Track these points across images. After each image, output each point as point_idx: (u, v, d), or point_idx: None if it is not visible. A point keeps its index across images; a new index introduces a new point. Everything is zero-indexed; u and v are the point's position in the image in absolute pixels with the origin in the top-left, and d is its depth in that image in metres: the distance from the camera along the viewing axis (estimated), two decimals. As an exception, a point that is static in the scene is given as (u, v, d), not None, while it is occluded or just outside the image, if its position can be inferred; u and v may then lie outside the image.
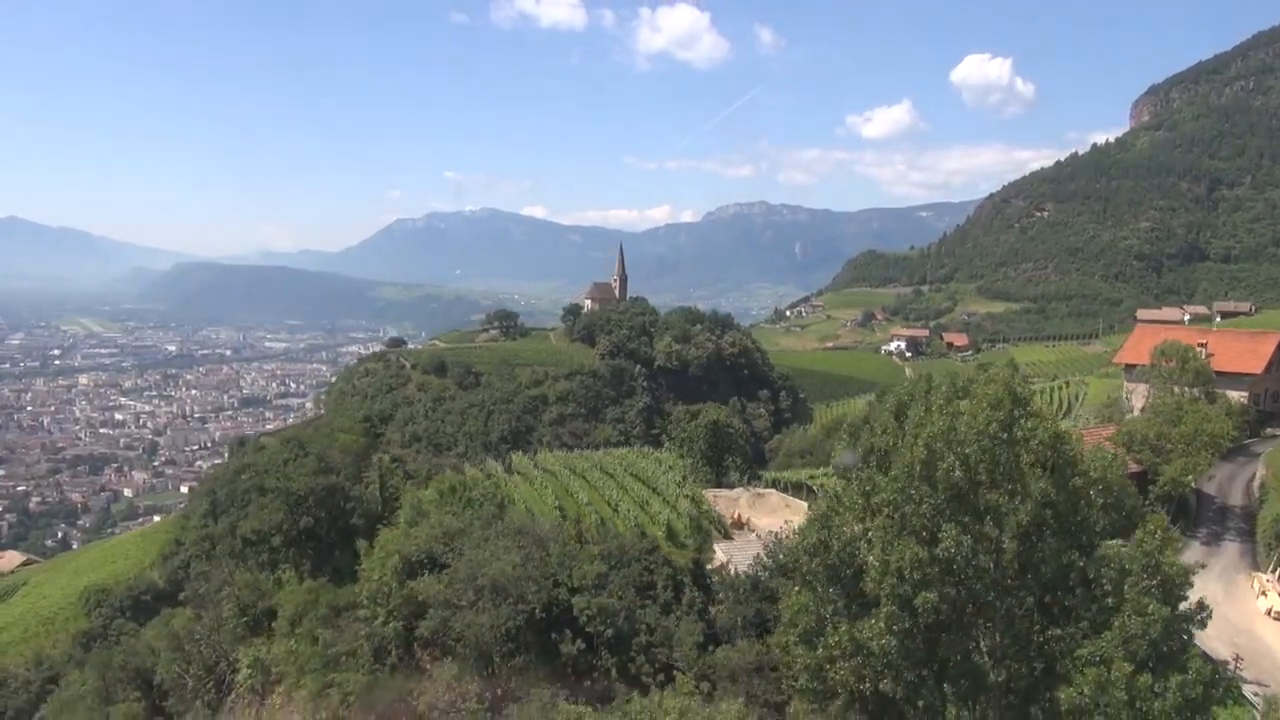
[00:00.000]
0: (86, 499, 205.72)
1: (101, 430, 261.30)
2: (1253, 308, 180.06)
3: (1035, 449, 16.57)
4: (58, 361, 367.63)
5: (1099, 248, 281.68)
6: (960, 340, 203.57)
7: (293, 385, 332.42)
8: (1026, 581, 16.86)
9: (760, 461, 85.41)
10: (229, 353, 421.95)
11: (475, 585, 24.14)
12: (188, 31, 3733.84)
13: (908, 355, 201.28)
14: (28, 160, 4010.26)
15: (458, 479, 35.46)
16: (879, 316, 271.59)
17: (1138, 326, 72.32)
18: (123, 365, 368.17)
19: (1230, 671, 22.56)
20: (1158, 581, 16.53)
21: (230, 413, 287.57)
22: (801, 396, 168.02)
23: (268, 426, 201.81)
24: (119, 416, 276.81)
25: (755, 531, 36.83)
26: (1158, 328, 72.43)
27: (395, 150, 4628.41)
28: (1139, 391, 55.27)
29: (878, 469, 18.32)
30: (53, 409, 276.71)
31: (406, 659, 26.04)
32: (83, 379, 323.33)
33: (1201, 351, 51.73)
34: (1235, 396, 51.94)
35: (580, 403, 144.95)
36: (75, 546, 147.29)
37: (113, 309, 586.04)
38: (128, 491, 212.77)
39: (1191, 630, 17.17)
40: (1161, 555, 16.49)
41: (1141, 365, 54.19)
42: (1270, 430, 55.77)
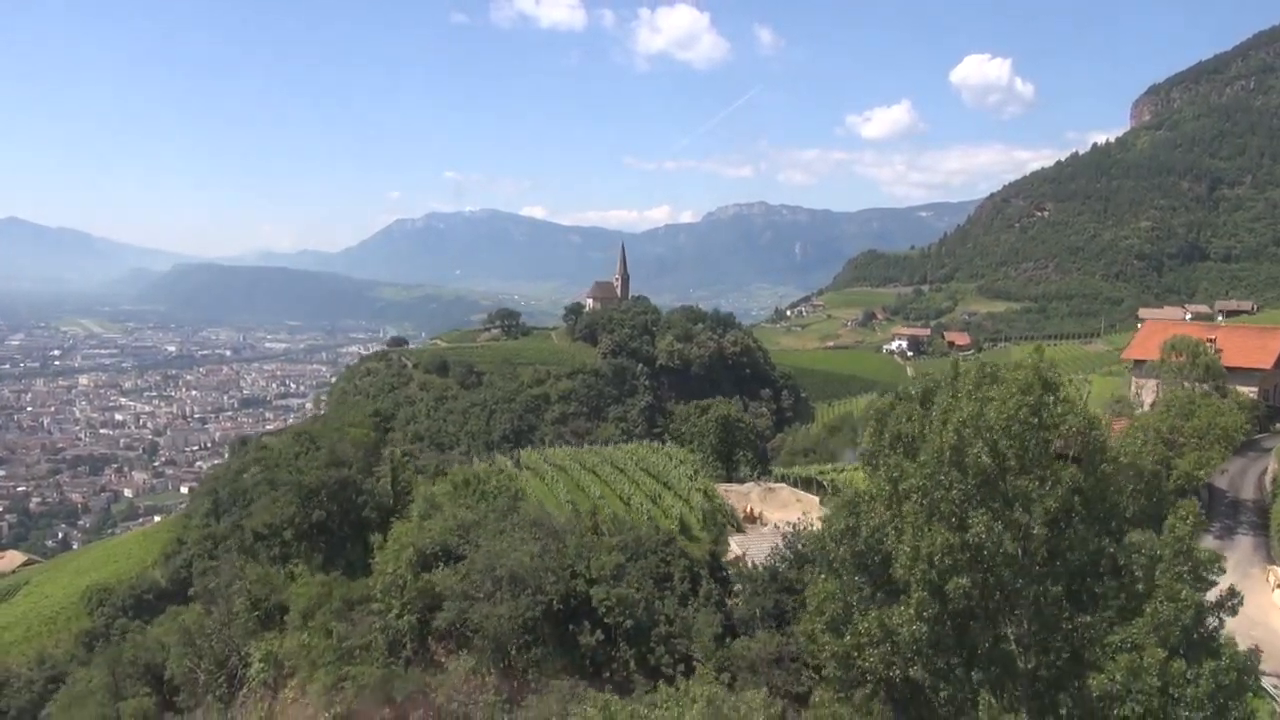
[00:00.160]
0: (87, 499, 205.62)
1: (101, 431, 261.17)
2: (1255, 306, 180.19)
3: (1066, 434, 16.45)
4: (58, 362, 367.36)
5: (1099, 247, 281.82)
6: (962, 339, 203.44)
7: (293, 386, 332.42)
8: (1055, 568, 16.74)
9: (763, 460, 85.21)
10: (229, 353, 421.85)
11: (493, 576, 23.99)
12: (187, 32, 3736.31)
13: (909, 355, 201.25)
14: (27, 161, 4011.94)
15: (471, 472, 35.32)
16: (879, 316, 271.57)
17: (1146, 322, 72.19)
18: (123, 366, 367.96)
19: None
20: (1189, 567, 16.41)
21: (230, 413, 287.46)
22: (803, 396, 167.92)
23: (268, 427, 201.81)
24: (119, 417, 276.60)
25: (768, 525, 36.76)
26: (1166, 323, 72.25)
27: (395, 150, 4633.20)
28: (1149, 387, 55.11)
29: (905, 455, 18.20)
30: (53, 409, 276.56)
31: (421, 652, 25.91)
32: (83, 379, 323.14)
33: (1210, 347, 51.60)
34: (1245, 392, 51.80)
35: (582, 402, 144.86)
36: (75, 547, 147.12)
37: (112, 309, 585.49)
38: (128, 492, 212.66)
39: (1222, 617, 17.04)
40: (1193, 541, 16.38)
41: (1151, 361, 54.03)
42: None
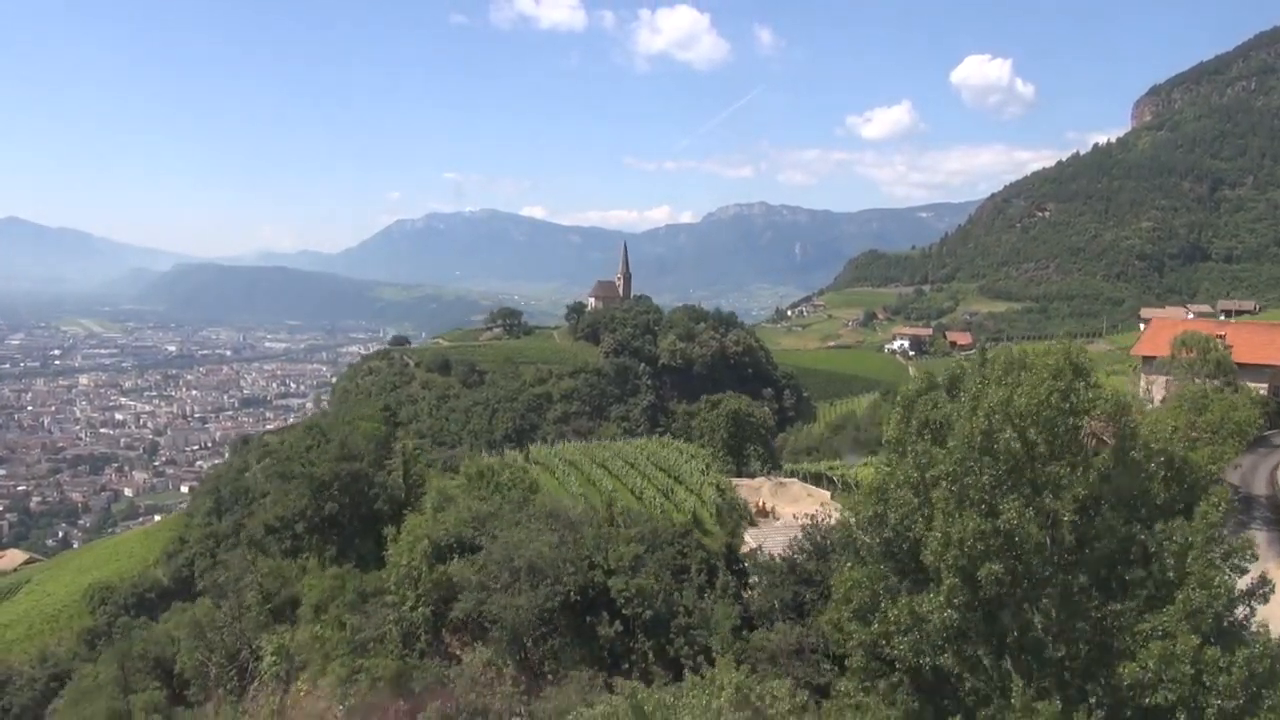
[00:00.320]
0: (87, 499, 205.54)
1: (102, 430, 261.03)
2: (1257, 306, 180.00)
3: (1096, 420, 16.31)
4: (58, 362, 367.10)
5: (1101, 247, 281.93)
6: (964, 339, 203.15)
7: (293, 385, 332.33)
8: (1084, 556, 16.61)
9: (773, 455, 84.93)
10: (229, 353, 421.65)
11: (511, 566, 23.86)
12: (187, 33, 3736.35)
13: (911, 354, 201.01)
14: (28, 161, 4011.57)
15: (485, 464, 35.20)
16: (881, 316, 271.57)
17: (1154, 319, 72.04)
18: (123, 365, 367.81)
19: None
20: (1222, 552, 16.27)
21: (230, 413, 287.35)
22: (805, 395, 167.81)
23: (268, 426, 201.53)
24: (119, 416, 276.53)
25: (780, 520, 36.67)
26: (1174, 320, 72.19)
27: (395, 151, 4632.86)
28: (1159, 383, 55.00)
29: (933, 442, 18.08)
30: (53, 409, 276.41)
31: (435, 644, 25.76)
32: (83, 379, 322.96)
33: (1221, 343, 51.51)
34: (1255, 388, 51.68)
35: (585, 401, 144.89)
36: (76, 546, 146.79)
37: (113, 309, 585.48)
38: (128, 491, 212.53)
39: (1253, 605, 16.89)
40: (1225, 528, 16.23)
41: (1160, 357, 53.93)
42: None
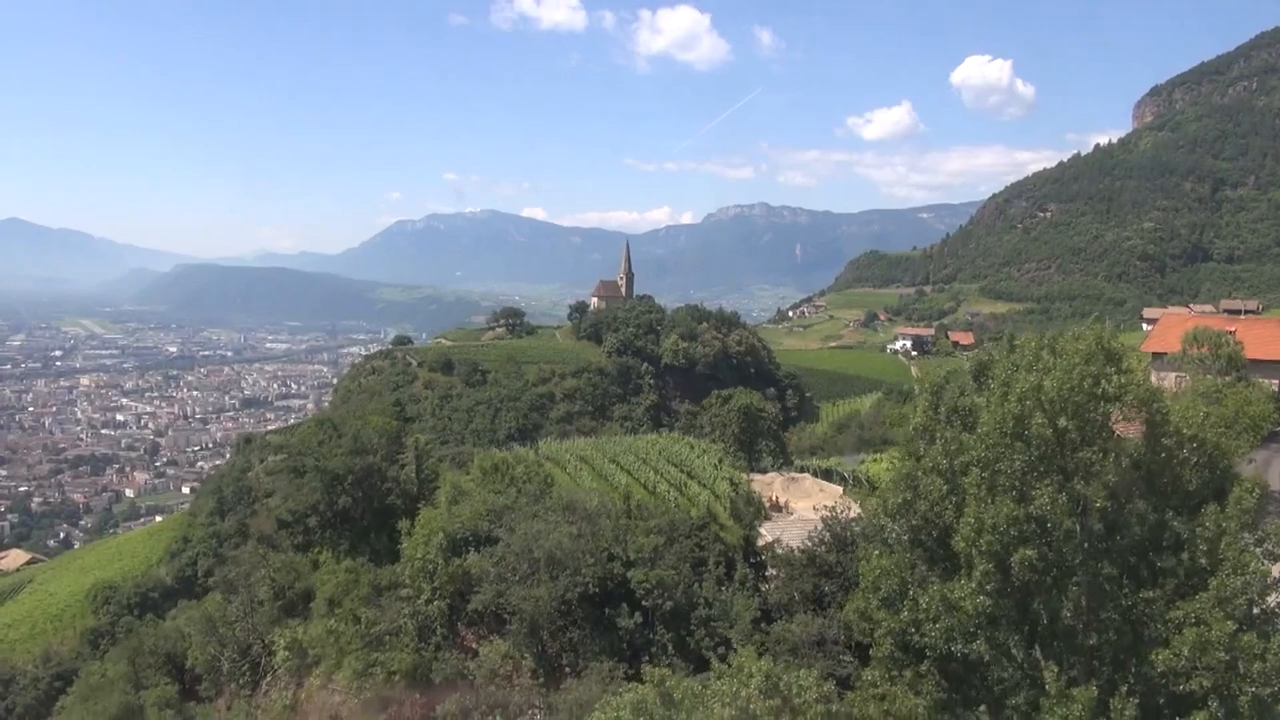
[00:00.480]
0: (88, 499, 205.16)
1: (103, 431, 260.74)
2: (1260, 306, 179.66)
3: (1129, 405, 16.16)
4: (59, 362, 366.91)
5: (1102, 248, 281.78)
6: (966, 339, 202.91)
7: (294, 386, 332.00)
8: (1114, 543, 16.46)
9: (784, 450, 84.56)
10: (230, 354, 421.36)
11: (530, 558, 23.69)
12: (187, 34, 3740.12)
13: (913, 354, 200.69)
14: (28, 162, 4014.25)
15: (500, 457, 35.06)
16: (882, 317, 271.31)
17: (1164, 316, 71.96)
18: (124, 366, 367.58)
19: None
20: (1256, 538, 16.11)
21: (231, 413, 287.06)
22: (807, 395, 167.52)
23: (269, 427, 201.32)
24: (120, 417, 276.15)
25: (793, 514, 36.53)
26: (1184, 316, 72.07)
27: (395, 152, 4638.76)
28: (1169, 379, 54.76)
29: (962, 429, 17.93)
30: (54, 409, 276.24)
31: (451, 638, 25.59)
32: (84, 380, 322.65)
33: (1232, 338, 51.31)
34: (1268, 384, 51.47)
35: (588, 400, 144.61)
36: (77, 546, 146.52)
37: (113, 310, 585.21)
38: (129, 492, 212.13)
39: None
40: (1260, 514, 16.07)
41: (1171, 353, 53.72)
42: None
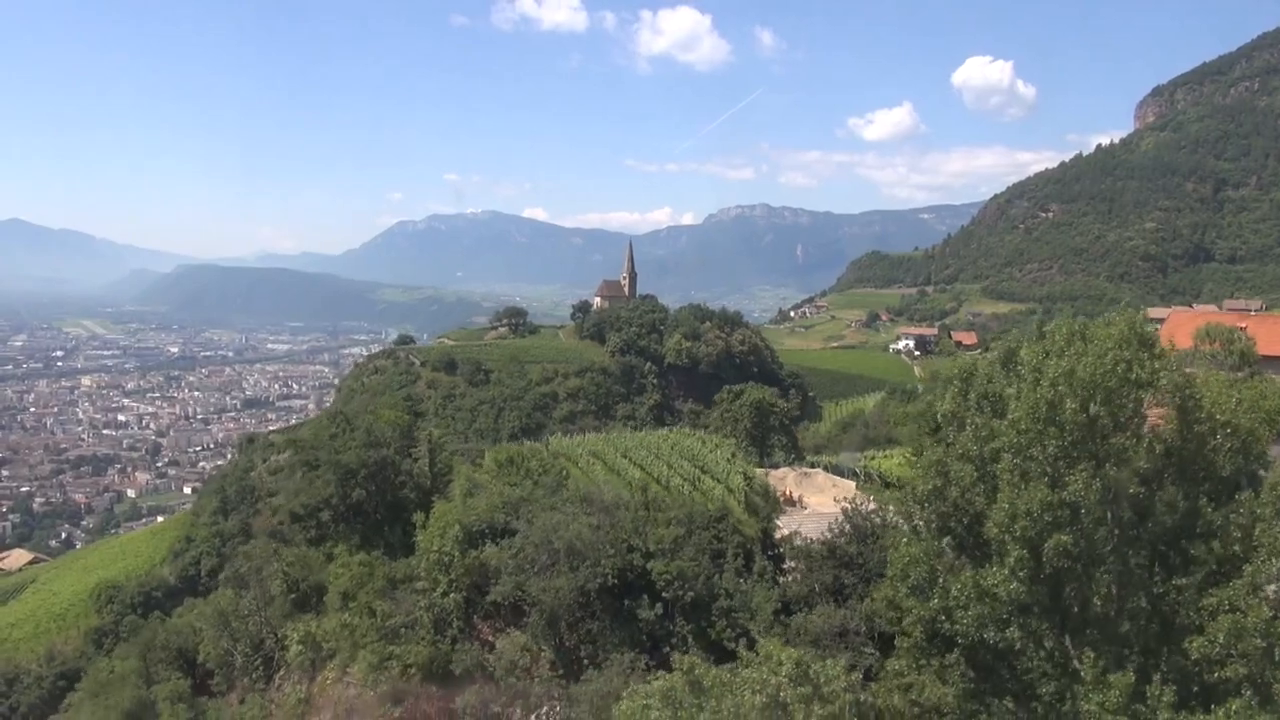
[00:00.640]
0: (90, 499, 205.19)
1: (104, 431, 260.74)
2: (1263, 305, 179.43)
3: (1164, 389, 16.03)
4: (60, 363, 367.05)
5: (1104, 248, 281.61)
6: (969, 339, 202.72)
7: (295, 387, 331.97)
8: (1145, 530, 16.31)
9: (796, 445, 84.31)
10: (231, 354, 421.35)
11: (550, 548, 23.58)
12: (189, 35, 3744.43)
13: (916, 354, 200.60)
14: (29, 162, 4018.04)
15: (515, 450, 34.96)
16: (884, 317, 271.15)
17: (1173, 312, 71.81)
18: (125, 367, 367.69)
19: None
20: (1293, 524, 15.95)
21: (233, 414, 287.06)
22: (810, 395, 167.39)
23: (270, 428, 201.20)
24: (122, 418, 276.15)
25: (807, 509, 36.45)
26: (1193, 313, 71.94)
27: (396, 152, 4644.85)
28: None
29: (992, 415, 17.80)
30: (55, 410, 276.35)
31: (467, 630, 25.48)
32: (85, 380, 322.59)
33: (1244, 334, 51.05)
34: (1278, 380, 51.23)
35: (591, 400, 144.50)
36: (78, 547, 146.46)
37: (115, 311, 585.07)
38: (131, 492, 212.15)
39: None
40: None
41: (1182, 349, 53.50)
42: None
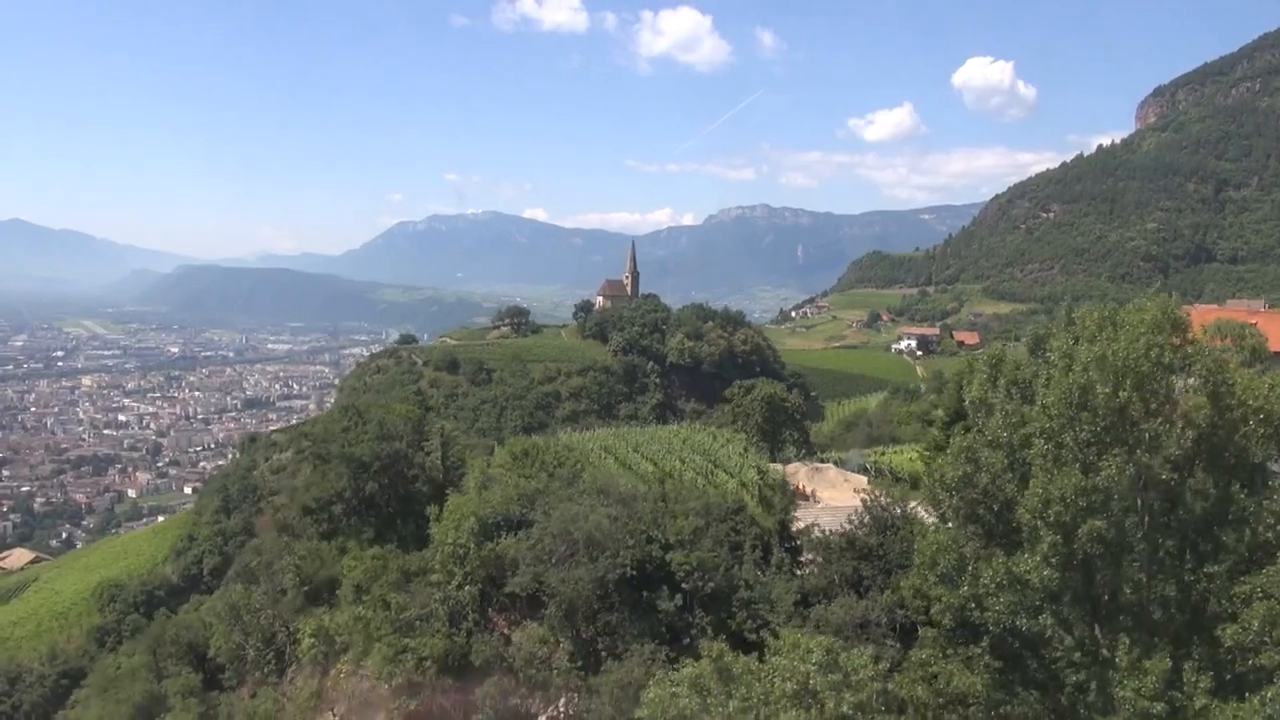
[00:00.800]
0: (90, 499, 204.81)
1: (105, 431, 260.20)
2: (1265, 305, 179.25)
3: (1199, 374, 15.88)
4: (61, 363, 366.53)
5: (1105, 248, 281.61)
6: (971, 339, 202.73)
7: (296, 387, 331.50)
8: (1175, 517, 16.16)
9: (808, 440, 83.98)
10: (231, 354, 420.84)
11: (570, 539, 23.42)
12: (188, 35, 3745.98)
13: (918, 354, 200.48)
14: (30, 163, 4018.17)
15: (529, 443, 34.87)
16: (885, 317, 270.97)
17: (1182, 310, 71.32)
18: (125, 367, 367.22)
19: None
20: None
21: (234, 414, 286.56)
22: (812, 395, 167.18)
23: (271, 427, 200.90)
24: (122, 418, 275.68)
25: (820, 503, 36.33)
26: (1202, 309, 71.54)
27: (396, 153, 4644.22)
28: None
29: (1022, 401, 17.66)
30: (56, 410, 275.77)
31: (482, 623, 25.32)
32: (86, 380, 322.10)
33: (1255, 330, 50.89)
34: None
35: (593, 399, 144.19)
36: (79, 546, 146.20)
37: (115, 311, 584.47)
38: (131, 492, 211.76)
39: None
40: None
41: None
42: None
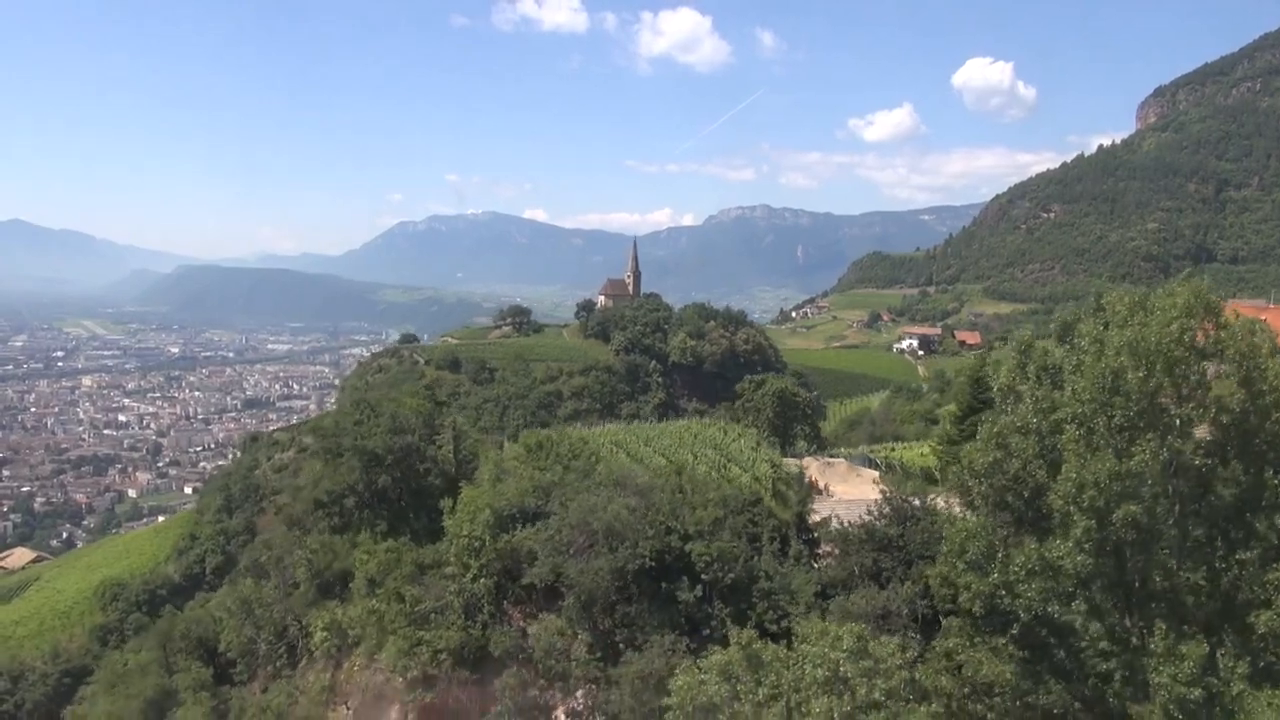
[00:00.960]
0: (91, 499, 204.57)
1: (105, 431, 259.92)
2: (1267, 305, 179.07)
3: (1231, 358, 15.73)
4: (61, 363, 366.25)
5: (1106, 248, 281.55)
6: (973, 338, 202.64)
7: (295, 387, 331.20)
8: (1208, 503, 16.01)
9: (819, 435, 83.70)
10: (231, 355, 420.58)
11: (589, 530, 23.26)
12: (188, 36, 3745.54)
13: (920, 353, 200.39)
14: (30, 162, 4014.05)
15: (544, 435, 34.69)
16: (885, 317, 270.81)
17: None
18: (126, 367, 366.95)
19: None
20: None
21: (233, 414, 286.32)
22: (814, 394, 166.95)
23: (271, 427, 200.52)
24: (122, 418, 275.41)
25: (833, 496, 36.19)
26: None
27: (396, 153, 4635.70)
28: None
29: (1052, 387, 17.50)
30: (56, 410, 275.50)
31: (497, 616, 25.17)
32: (86, 380, 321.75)
33: (1266, 324, 50.90)
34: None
35: (595, 398, 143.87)
36: (80, 546, 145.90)
37: (115, 311, 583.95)
38: (132, 492, 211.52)
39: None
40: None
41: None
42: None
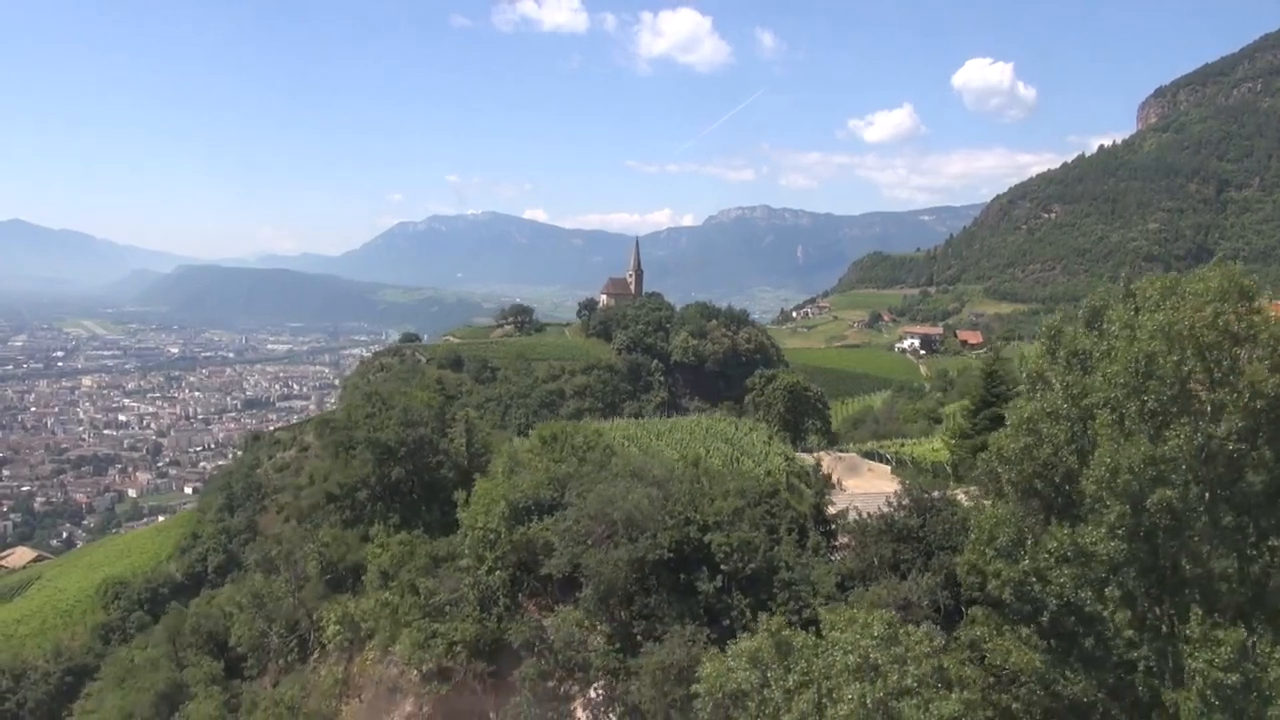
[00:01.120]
0: (91, 499, 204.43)
1: (105, 431, 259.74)
2: (1271, 304, 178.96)
3: (1265, 343, 15.59)
4: (61, 363, 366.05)
5: (1107, 249, 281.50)
6: (975, 338, 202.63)
7: (295, 387, 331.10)
8: (1240, 489, 15.86)
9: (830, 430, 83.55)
10: (231, 355, 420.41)
11: (607, 520, 23.09)
12: (188, 36, 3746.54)
13: (921, 353, 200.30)
14: (29, 162, 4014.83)
15: (559, 426, 34.55)
16: (886, 317, 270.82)
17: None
18: (125, 367, 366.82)
19: None
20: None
21: (233, 414, 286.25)
22: (819, 391, 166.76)
23: (271, 427, 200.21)
24: (122, 418, 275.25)
25: (846, 490, 36.03)
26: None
27: (396, 153, 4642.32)
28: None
29: (1082, 373, 17.35)
30: (56, 410, 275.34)
31: (512, 608, 25.01)
32: (86, 380, 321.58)
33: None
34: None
35: (597, 397, 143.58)
36: (80, 546, 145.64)
37: (115, 311, 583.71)
38: (132, 492, 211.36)
39: None
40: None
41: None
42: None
